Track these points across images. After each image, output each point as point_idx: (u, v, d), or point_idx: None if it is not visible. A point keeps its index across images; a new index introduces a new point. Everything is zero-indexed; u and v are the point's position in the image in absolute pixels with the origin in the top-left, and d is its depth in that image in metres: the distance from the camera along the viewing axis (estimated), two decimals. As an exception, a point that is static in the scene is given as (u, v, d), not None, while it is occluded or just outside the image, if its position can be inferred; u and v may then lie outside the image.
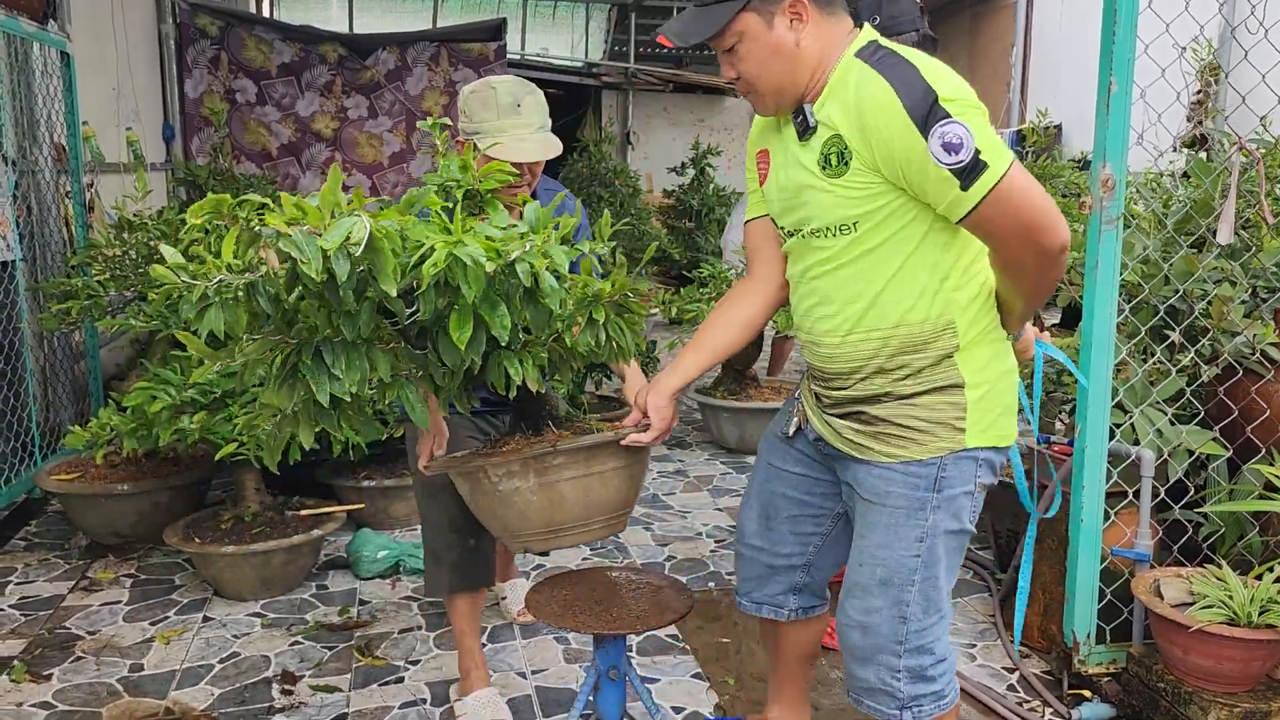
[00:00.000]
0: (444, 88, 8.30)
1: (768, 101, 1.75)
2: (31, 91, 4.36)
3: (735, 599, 2.15)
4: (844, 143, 1.64)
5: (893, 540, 1.76)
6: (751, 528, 2.06)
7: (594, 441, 1.84)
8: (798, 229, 1.77)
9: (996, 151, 1.55)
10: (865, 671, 1.82)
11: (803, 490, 1.99)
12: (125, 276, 3.89)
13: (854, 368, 1.77)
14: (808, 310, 1.82)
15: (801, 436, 1.97)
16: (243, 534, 3.28)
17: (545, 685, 2.75)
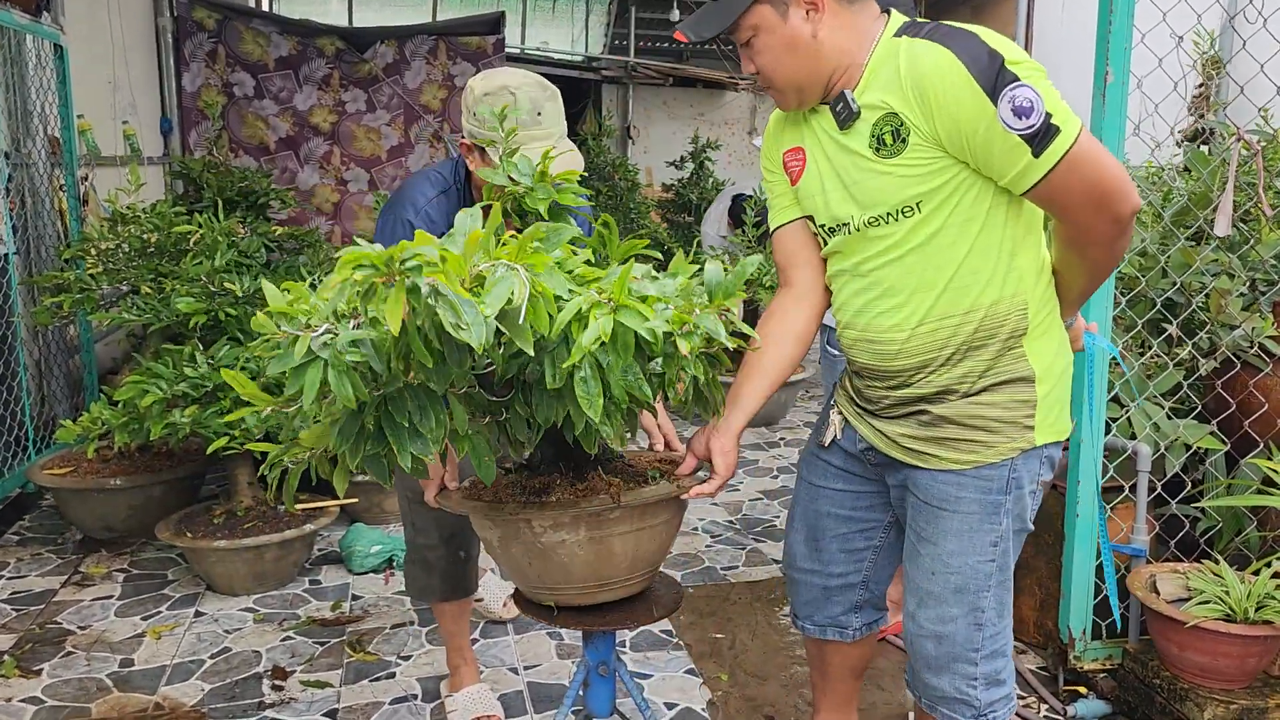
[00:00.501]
0: (442, 81, 8.27)
1: (788, 96, 1.69)
2: (25, 84, 4.33)
3: (794, 621, 2.08)
4: (899, 119, 1.56)
5: (967, 547, 1.70)
6: (800, 551, 1.99)
7: (658, 497, 1.73)
8: (848, 221, 1.68)
9: (1067, 115, 1.48)
10: (940, 681, 1.76)
11: (847, 506, 1.92)
12: (118, 270, 3.86)
13: (922, 362, 1.68)
14: (864, 306, 1.72)
15: (838, 450, 1.90)
16: (235, 529, 3.26)
17: (537, 681, 2.73)
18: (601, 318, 1.37)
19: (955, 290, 1.64)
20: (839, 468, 1.92)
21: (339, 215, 8.15)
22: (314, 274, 4.03)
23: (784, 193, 1.84)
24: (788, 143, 1.79)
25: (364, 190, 8.22)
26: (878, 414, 1.79)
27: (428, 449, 1.48)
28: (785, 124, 1.82)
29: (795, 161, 1.77)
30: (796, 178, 1.77)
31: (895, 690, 2.71)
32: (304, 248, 4.57)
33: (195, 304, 3.34)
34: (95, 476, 3.56)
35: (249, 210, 4.75)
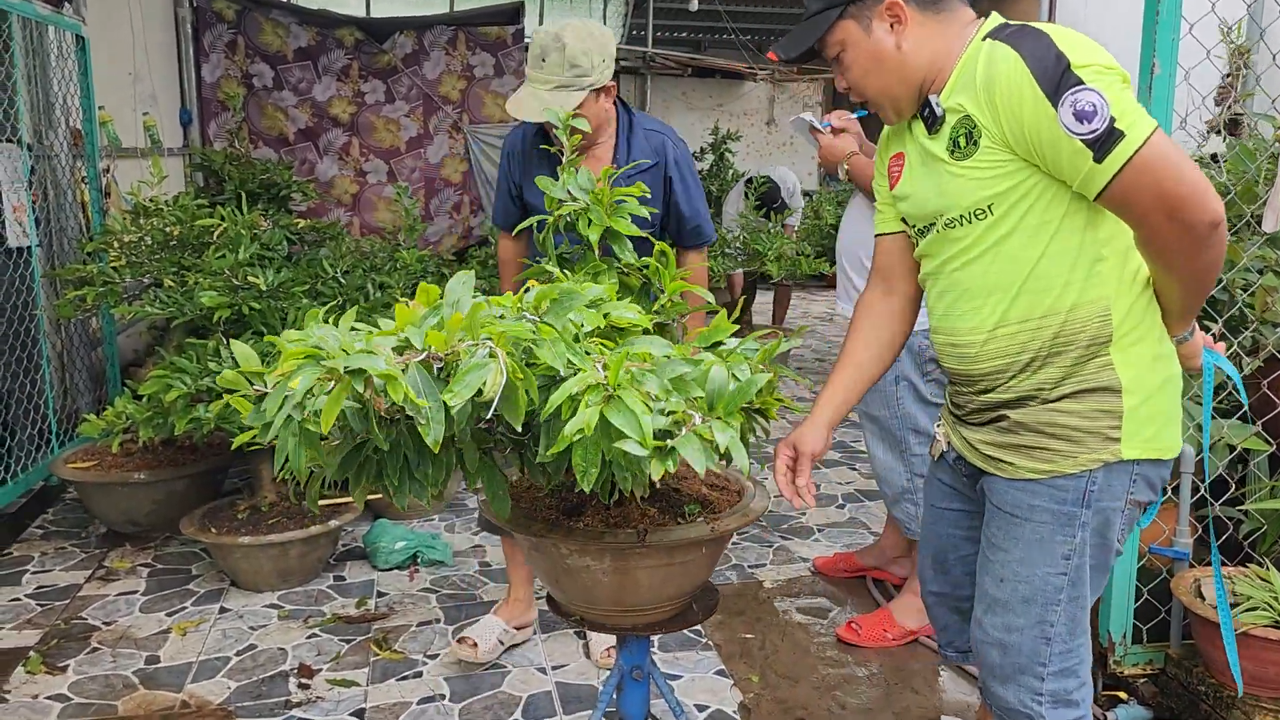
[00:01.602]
0: (461, 72, 8.22)
1: (885, 109, 1.71)
2: (47, 76, 4.32)
3: (939, 648, 2.05)
4: (972, 122, 1.55)
5: (1037, 557, 1.66)
6: (929, 574, 1.98)
7: (686, 540, 1.68)
8: (932, 223, 1.68)
9: (1135, 119, 1.43)
10: (1004, 691, 1.72)
11: (965, 526, 1.89)
12: (141, 263, 3.84)
13: (1000, 366, 1.65)
14: (947, 309, 1.70)
15: (947, 466, 1.88)
16: (259, 524, 3.24)
17: (565, 681, 2.70)
18: (591, 406, 1.31)
19: (1030, 294, 1.60)
20: (952, 487, 1.89)
21: (358, 206, 8.13)
22: (336, 267, 4.01)
23: (888, 201, 1.85)
24: (893, 149, 1.80)
25: (383, 182, 8.19)
26: (966, 421, 1.77)
27: (423, 493, 1.45)
28: (894, 132, 1.82)
29: (896, 167, 1.77)
30: (895, 183, 1.78)
31: (929, 693, 2.66)
32: (326, 240, 4.55)
33: (219, 298, 3.31)
34: (119, 470, 3.55)
35: (270, 202, 4.73)
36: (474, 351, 1.24)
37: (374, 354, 1.23)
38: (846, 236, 2.93)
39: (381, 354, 1.24)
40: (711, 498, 1.87)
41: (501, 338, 1.26)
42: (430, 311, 1.36)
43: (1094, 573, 1.68)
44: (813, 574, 3.41)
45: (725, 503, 1.86)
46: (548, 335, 1.38)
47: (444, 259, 5.14)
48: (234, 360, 3.02)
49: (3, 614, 3.09)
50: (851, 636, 2.89)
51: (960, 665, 2.76)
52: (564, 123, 2.03)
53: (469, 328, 1.28)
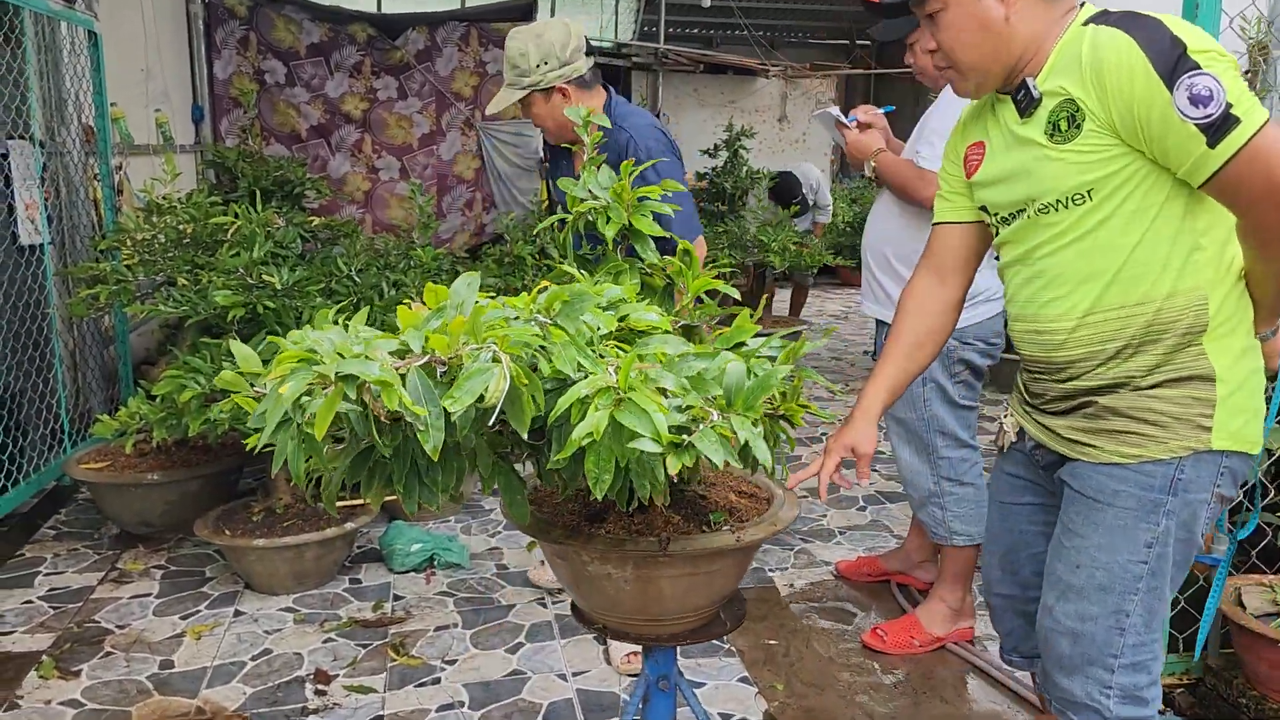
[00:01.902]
0: (474, 68, 8.17)
1: (968, 79, 1.65)
2: (59, 71, 4.28)
3: (1001, 654, 1.97)
4: (1076, 105, 1.51)
5: (1118, 543, 1.61)
6: (995, 575, 1.91)
7: (709, 549, 1.62)
8: (1021, 209, 1.63)
9: (1250, 106, 1.40)
10: (1070, 683, 1.67)
11: (1039, 521, 1.83)
12: (154, 261, 3.80)
13: (1089, 353, 1.60)
14: (1032, 296, 1.66)
15: (1021, 460, 1.82)
16: (274, 526, 3.19)
17: (587, 689, 2.64)
18: (601, 410, 1.26)
19: (1125, 281, 1.56)
20: (1026, 479, 1.83)
21: (370, 203, 8.09)
22: (350, 265, 3.96)
23: (960, 190, 1.81)
24: (972, 137, 1.76)
25: (395, 178, 8.15)
26: (1044, 409, 1.72)
27: (433, 498, 1.41)
28: (972, 119, 1.78)
29: (976, 155, 1.73)
30: (974, 170, 1.73)
31: (958, 703, 2.60)
32: (340, 238, 4.50)
33: (233, 296, 3.26)
34: (132, 471, 3.51)
35: (284, 200, 4.68)
36: (477, 355, 1.20)
37: (370, 358, 1.19)
38: (873, 234, 2.87)
39: (378, 358, 1.20)
40: (739, 505, 1.82)
41: (505, 341, 1.22)
42: (434, 313, 1.32)
43: (1175, 568, 1.63)
44: (835, 578, 3.35)
45: (754, 511, 1.80)
46: (558, 338, 1.33)
47: (457, 257, 5.09)
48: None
49: (15, 617, 3.05)
50: (877, 643, 2.83)
51: (1000, 674, 2.70)
52: (583, 121, 1.98)
53: (472, 331, 1.23)
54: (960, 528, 2.79)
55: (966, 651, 2.81)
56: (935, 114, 2.63)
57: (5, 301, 3.77)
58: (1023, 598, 1.88)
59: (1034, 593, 1.83)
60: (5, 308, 3.77)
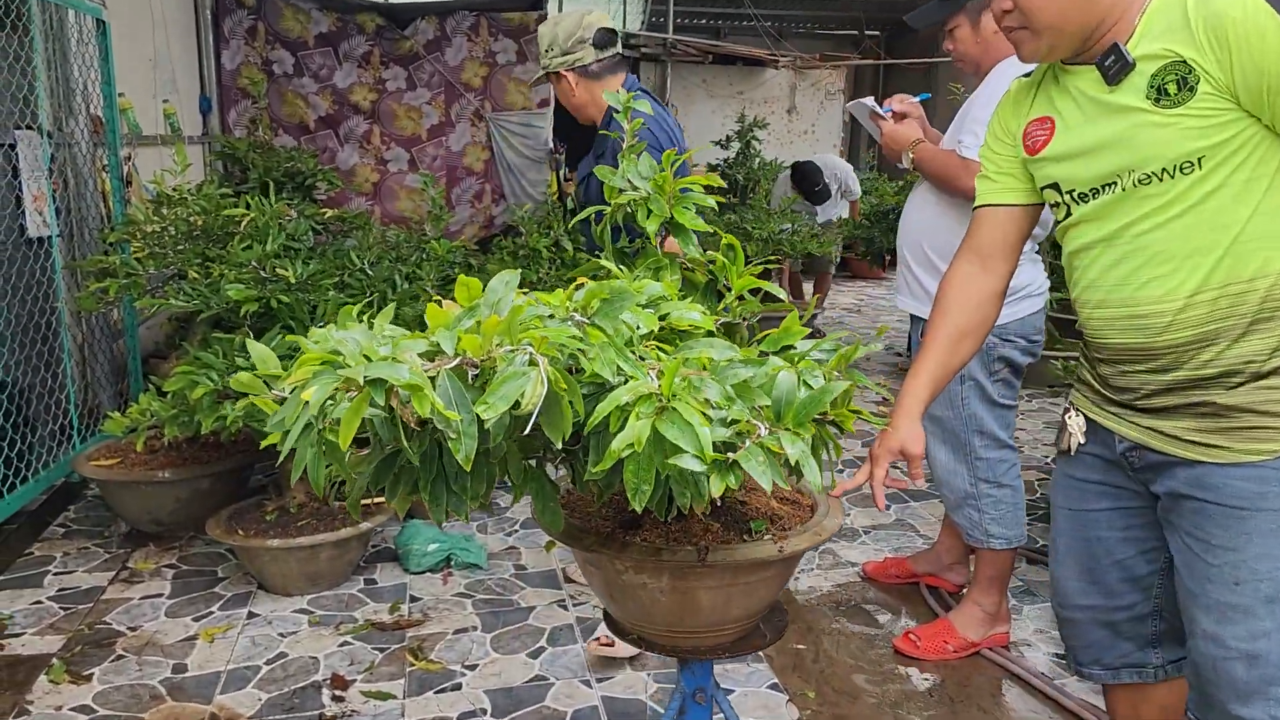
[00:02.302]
0: (483, 59, 8.08)
1: (1040, 41, 1.53)
2: (67, 60, 4.20)
3: (1077, 669, 1.85)
4: (1189, 67, 1.41)
5: (1276, 550, 1.49)
6: (1073, 587, 1.78)
7: (749, 559, 1.54)
8: (1110, 182, 1.52)
9: None
10: (1249, 710, 1.52)
11: (1119, 526, 1.71)
12: (164, 254, 3.72)
13: (1197, 337, 1.49)
14: (1125, 277, 1.53)
15: (1095, 463, 1.71)
16: (288, 526, 3.12)
17: (612, 695, 2.57)
18: (643, 419, 1.19)
19: (1237, 255, 1.46)
20: (1101, 483, 1.71)
21: (379, 195, 8.01)
22: (364, 258, 3.88)
23: (1009, 170, 1.70)
24: (1033, 112, 1.64)
25: (404, 170, 8.07)
26: (1142, 407, 1.59)
27: (462, 507, 1.33)
28: (1024, 94, 1.67)
29: (1041, 130, 1.62)
30: (1041, 146, 1.62)
31: (996, 710, 2.52)
32: (352, 230, 4.42)
33: (246, 290, 3.18)
34: (142, 468, 3.43)
35: (295, 191, 4.60)
36: (512, 359, 1.14)
37: (399, 361, 1.12)
38: (910, 228, 2.78)
39: (408, 361, 1.12)
40: (781, 513, 1.73)
41: (543, 343, 1.15)
42: (466, 312, 1.25)
43: None
44: (862, 579, 3.27)
45: (796, 519, 1.71)
46: (596, 339, 1.25)
47: (469, 249, 5.02)
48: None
49: (25, 618, 2.98)
50: (910, 649, 2.76)
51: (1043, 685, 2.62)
52: (624, 106, 1.90)
53: (507, 331, 1.16)
54: (997, 530, 2.71)
55: (1003, 658, 2.73)
56: (978, 102, 2.54)
57: (13, 295, 3.70)
58: (1108, 607, 1.76)
59: (1120, 600, 1.74)
60: (13, 301, 3.70)
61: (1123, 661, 1.77)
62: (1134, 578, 1.72)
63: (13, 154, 3.78)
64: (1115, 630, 1.76)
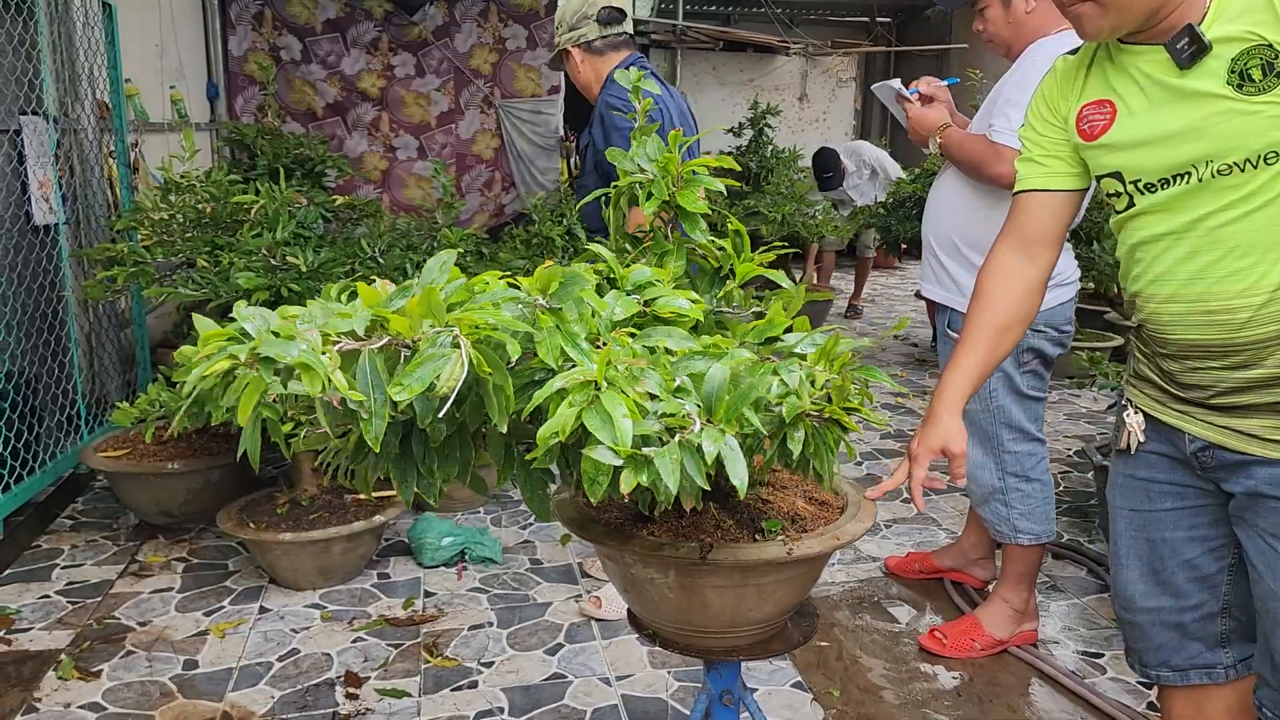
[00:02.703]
0: (493, 45, 7.99)
1: (1105, 16, 1.44)
2: (73, 44, 4.13)
3: (1142, 671, 1.77)
4: (1275, 51, 1.33)
5: None
6: (1139, 589, 1.71)
7: (755, 560, 1.48)
8: (1184, 172, 1.44)
9: None
10: None
11: (1186, 526, 1.64)
12: (173, 242, 3.66)
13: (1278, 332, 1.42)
14: (1200, 271, 1.45)
15: (1158, 461, 1.64)
16: (300, 519, 3.06)
17: (632, 694, 2.51)
18: (573, 406, 1.13)
19: None
20: (1166, 482, 1.64)
21: (387, 183, 7.94)
22: (374, 246, 3.82)
23: (1055, 154, 1.62)
24: (1089, 95, 1.55)
25: (413, 158, 7.99)
26: (1216, 405, 1.52)
27: (432, 489, 1.29)
28: (1077, 74, 1.58)
29: (1100, 115, 1.53)
30: (1099, 132, 1.53)
31: (1026, 709, 2.46)
32: (363, 218, 4.36)
33: (256, 279, 3.12)
34: (151, 460, 3.38)
35: (305, 178, 4.54)
36: (435, 340, 1.10)
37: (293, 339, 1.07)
38: (937, 216, 2.70)
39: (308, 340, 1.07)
40: (804, 513, 1.65)
41: (466, 324, 1.11)
42: (398, 291, 1.21)
43: None
44: (885, 575, 3.20)
45: (822, 520, 1.64)
46: (545, 324, 1.22)
47: (480, 238, 4.96)
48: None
49: (33, 613, 2.93)
50: (936, 646, 2.69)
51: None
52: (633, 85, 1.83)
53: (429, 312, 1.12)
54: (1026, 526, 2.64)
55: (1031, 655, 2.66)
56: (1010, 84, 2.46)
57: (19, 284, 3.64)
58: (1175, 608, 1.68)
59: (1189, 600, 1.66)
60: (19, 290, 3.64)
61: (1191, 663, 1.70)
62: (1202, 576, 1.65)
63: (18, 140, 3.71)
64: (1183, 631, 1.69)
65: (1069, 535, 3.48)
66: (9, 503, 3.31)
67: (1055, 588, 3.10)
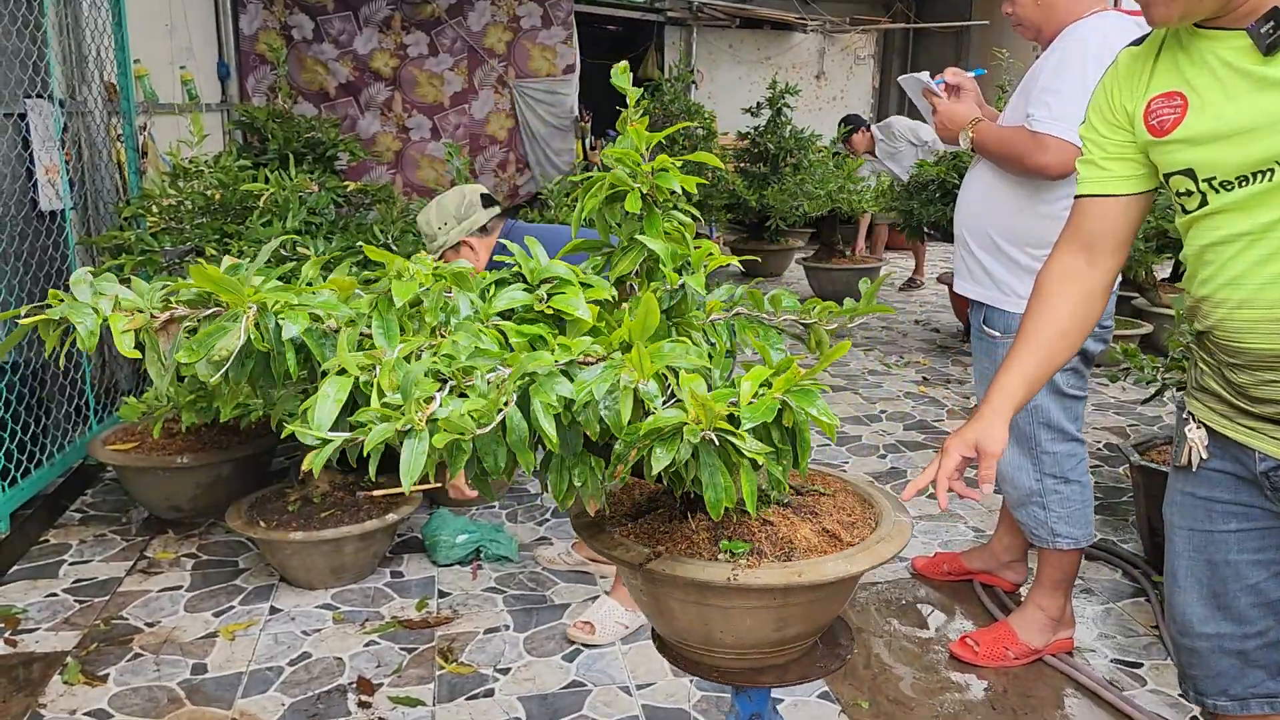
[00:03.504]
0: (507, 23, 7.87)
1: (1178, 1, 1.33)
2: (79, 26, 4.03)
3: (1198, 699, 1.66)
4: None
5: None
6: (1198, 614, 1.61)
7: (695, 579, 1.38)
8: (1266, 170, 1.33)
9: None
10: None
11: (1252, 548, 1.54)
12: (181, 229, 3.58)
13: None
14: (1277, 276, 1.36)
15: (1221, 479, 1.54)
16: (311, 517, 2.98)
17: (653, 704, 2.42)
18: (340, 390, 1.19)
19: None
20: (1230, 502, 1.53)
21: (400, 164, 7.84)
22: (387, 232, 3.72)
23: (1120, 155, 1.51)
24: (1158, 86, 1.44)
25: (426, 138, 7.89)
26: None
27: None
28: (1144, 66, 1.47)
29: (1169, 109, 1.42)
30: (1170, 127, 1.42)
31: (1063, 725, 2.37)
32: (374, 203, 4.26)
33: (267, 269, 3.02)
34: (160, 454, 3.31)
35: (316, 162, 4.44)
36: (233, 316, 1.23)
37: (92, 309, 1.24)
38: (972, 211, 2.58)
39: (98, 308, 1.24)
40: (805, 543, 1.48)
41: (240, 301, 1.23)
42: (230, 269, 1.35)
43: None
44: (911, 576, 3.11)
45: (822, 549, 1.48)
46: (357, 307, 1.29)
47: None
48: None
49: (40, 612, 2.87)
50: (968, 655, 2.60)
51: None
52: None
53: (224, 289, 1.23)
54: (1064, 529, 2.54)
55: (1067, 665, 2.56)
56: (1047, 70, 2.33)
57: (25, 271, 3.56)
58: (1238, 634, 1.58)
59: (1252, 627, 1.56)
60: (25, 278, 3.56)
61: (1252, 692, 1.60)
62: (1268, 602, 1.54)
63: (23, 124, 3.63)
64: (1245, 659, 1.59)
65: (1101, 534, 3.38)
66: (16, 497, 3.25)
67: (1088, 590, 3.00)
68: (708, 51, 12.17)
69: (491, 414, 1.14)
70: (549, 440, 1.16)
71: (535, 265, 1.43)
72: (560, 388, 1.18)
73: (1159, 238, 5.19)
